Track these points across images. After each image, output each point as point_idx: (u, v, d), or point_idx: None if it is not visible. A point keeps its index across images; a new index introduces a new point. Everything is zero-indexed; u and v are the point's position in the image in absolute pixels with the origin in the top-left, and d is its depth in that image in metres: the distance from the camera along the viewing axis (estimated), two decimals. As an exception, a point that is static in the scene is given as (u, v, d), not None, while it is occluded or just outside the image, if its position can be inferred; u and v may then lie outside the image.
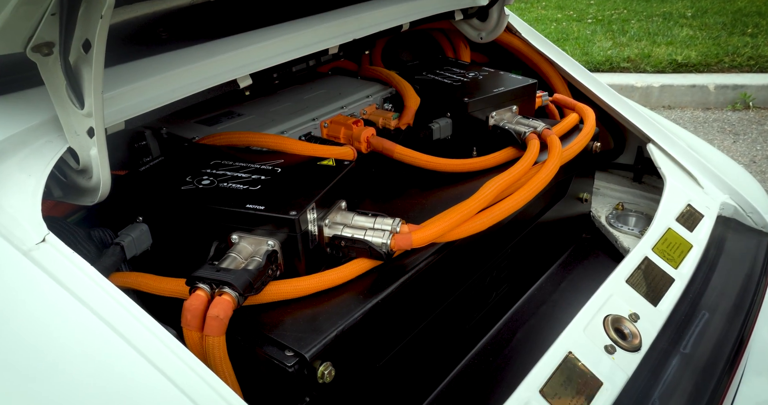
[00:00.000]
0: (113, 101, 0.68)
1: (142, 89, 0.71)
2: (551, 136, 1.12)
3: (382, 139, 1.10)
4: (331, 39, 1.00)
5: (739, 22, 4.90)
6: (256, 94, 1.20)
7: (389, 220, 0.82)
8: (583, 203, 1.36)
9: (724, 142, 3.45)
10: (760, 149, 3.31)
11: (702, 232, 1.17)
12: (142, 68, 0.74)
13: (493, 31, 1.41)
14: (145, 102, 0.71)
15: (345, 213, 0.84)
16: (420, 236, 0.81)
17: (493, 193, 0.94)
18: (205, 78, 0.79)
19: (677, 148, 1.29)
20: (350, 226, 0.81)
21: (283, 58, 0.91)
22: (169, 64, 0.76)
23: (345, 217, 0.83)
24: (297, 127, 1.07)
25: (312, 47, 0.96)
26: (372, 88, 1.28)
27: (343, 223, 0.82)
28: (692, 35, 4.70)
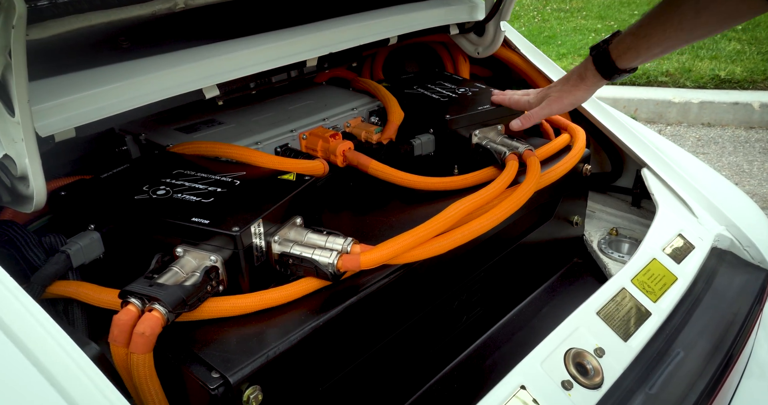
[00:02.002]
0: (62, 108, 0.71)
1: (94, 98, 0.74)
2: (531, 158, 1.09)
3: (358, 154, 1.10)
4: (306, 52, 1.01)
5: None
6: (243, 102, 1.23)
7: (341, 240, 0.82)
8: (575, 226, 1.32)
9: (765, 163, 3.25)
10: (803, 173, 3.10)
11: (690, 264, 1.11)
12: (96, 77, 0.76)
13: (490, 47, 1.39)
14: (97, 110, 0.74)
15: (299, 230, 0.85)
16: (369, 258, 0.80)
17: (455, 216, 0.92)
18: (164, 88, 0.81)
19: (673, 173, 1.23)
20: (301, 244, 0.81)
21: (252, 69, 0.93)
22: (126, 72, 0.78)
23: (298, 234, 0.84)
24: (273, 138, 1.08)
25: (284, 59, 0.98)
26: (360, 100, 1.28)
27: (295, 240, 0.83)
28: (740, 50, 4.46)
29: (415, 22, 1.24)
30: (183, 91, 0.83)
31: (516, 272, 1.18)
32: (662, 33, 0.86)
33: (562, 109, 1.07)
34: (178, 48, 0.86)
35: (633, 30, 0.91)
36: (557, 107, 1.06)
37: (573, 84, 1.03)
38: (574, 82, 1.03)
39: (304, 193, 0.87)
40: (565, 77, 1.05)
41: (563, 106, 1.06)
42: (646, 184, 1.24)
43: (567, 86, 1.04)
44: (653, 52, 0.89)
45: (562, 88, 1.05)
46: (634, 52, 0.91)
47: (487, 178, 1.13)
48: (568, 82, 1.04)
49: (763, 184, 3.02)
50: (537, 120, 1.13)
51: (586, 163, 1.25)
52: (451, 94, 1.29)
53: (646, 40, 0.88)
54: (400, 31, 1.20)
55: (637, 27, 0.90)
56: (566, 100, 1.05)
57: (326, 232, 0.85)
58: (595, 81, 1.00)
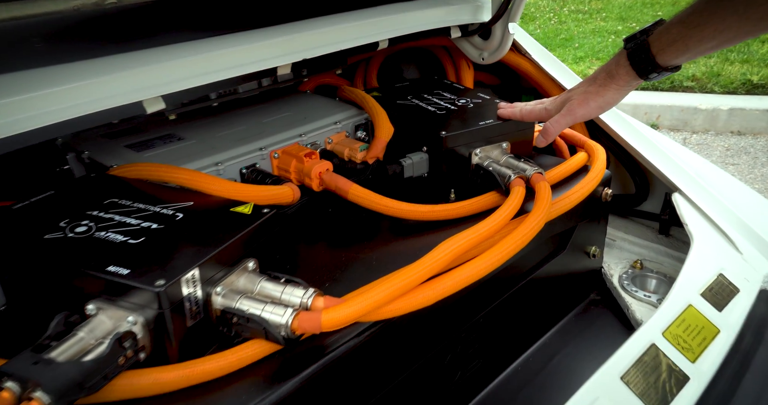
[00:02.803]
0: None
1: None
2: (540, 183, 0.92)
3: (337, 177, 0.94)
4: (275, 58, 0.85)
5: (832, 38, 4.32)
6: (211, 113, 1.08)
7: (300, 291, 0.67)
8: (592, 259, 1.14)
9: (801, 176, 3.01)
10: None
11: (735, 312, 0.92)
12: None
13: (497, 52, 1.22)
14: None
15: (251, 276, 0.69)
16: (333, 318, 0.64)
17: (444, 259, 0.76)
18: (88, 100, 0.66)
19: (711, 199, 1.04)
20: (250, 297, 0.66)
21: (206, 78, 0.78)
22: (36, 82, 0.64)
23: (249, 283, 0.68)
24: (238, 158, 0.93)
25: (248, 67, 0.82)
26: (345, 112, 1.13)
27: (244, 290, 0.67)
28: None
29: (408, 23, 1.08)
30: (113, 105, 0.69)
31: (522, 315, 1.01)
32: (721, 21, 0.68)
33: (588, 115, 0.88)
34: (108, 52, 0.71)
35: (682, 17, 0.73)
36: (582, 112, 0.88)
37: (601, 84, 0.84)
38: (602, 82, 0.84)
39: (261, 229, 0.72)
40: (590, 77, 0.87)
41: (589, 110, 0.87)
42: (678, 211, 1.06)
43: (594, 86, 0.85)
44: (706, 46, 0.71)
45: (587, 89, 0.86)
46: (681, 44, 0.73)
47: (489, 205, 0.97)
48: (594, 81, 0.86)
49: (800, 198, 2.78)
50: (559, 130, 0.94)
51: (607, 186, 1.07)
52: (450, 106, 1.13)
53: (699, 30, 0.70)
54: (390, 34, 1.04)
55: (688, 14, 0.72)
56: (593, 103, 0.86)
57: (285, 279, 0.70)
58: (628, 80, 0.81)
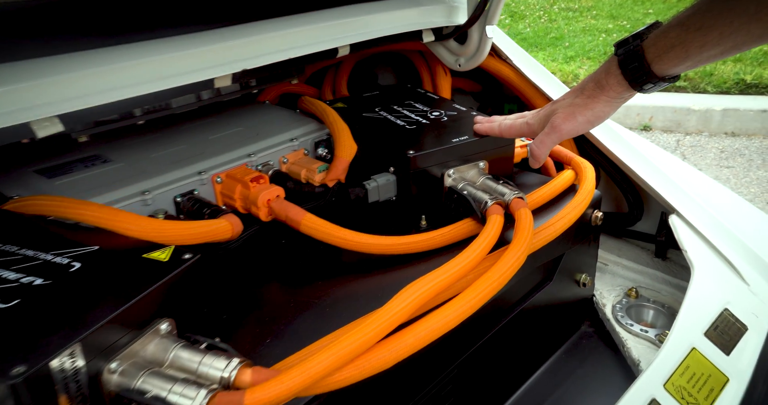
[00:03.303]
0: None
1: None
2: (520, 211, 0.80)
3: (288, 205, 0.82)
4: (207, 69, 0.72)
5: (825, 36, 4.24)
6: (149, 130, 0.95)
7: (222, 362, 0.54)
8: (582, 287, 1.02)
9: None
10: (844, 190, 2.76)
11: (745, 355, 0.81)
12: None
13: (474, 57, 1.10)
14: None
15: (165, 343, 0.56)
16: (260, 398, 0.51)
17: (407, 311, 0.64)
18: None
19: (713, 223, 0.93)
20: (158, 373, 0.53)
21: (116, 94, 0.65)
22: None
23: (160, 352, 0.56)
24: (172, 184, 0.80)
25: (170, 80, 0.69)
26: (304, 127, 1.00)
27: (153, 363, 0.55)
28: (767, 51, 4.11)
29: (372, 27, 0.96)
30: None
31: (504, 358, 0.89)
32: (728, 24, 0.56)
33: (575, 130, 0.74)
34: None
35: (682, 19, 0.60)
36: (568, 127, 0.74)
37: (589, 95, 0.71)
38: (590, 93, 0.71)
39: (181, 280, 0.59)
40: (577, 87, 0.74)
41: (576, 125, 0.73)
42: (677, 236, 0.94)
43: (581, 98, 0.72)
44: (709, 53, 0.59)
45: (574, 101, 0.73)
46: (681, 51, 0.61)
47: (463, 235, 0.85)
48: (582, 92, 0.73)
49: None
50: (546, 151, 0.79)
51: (597, 208, 0.95)
52: (421, 120, 1.00)
53: (701, 34, 0.58)
54: (350, 39, 0.91)
55: (690, 15, 0.59)
56: (580, 117, 0.73)
57: (207, 344, 0.57)
58: (620, 91, 0.69)
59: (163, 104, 0.89)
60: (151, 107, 0.87)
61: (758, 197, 2.79)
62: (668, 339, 0.79)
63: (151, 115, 0.88)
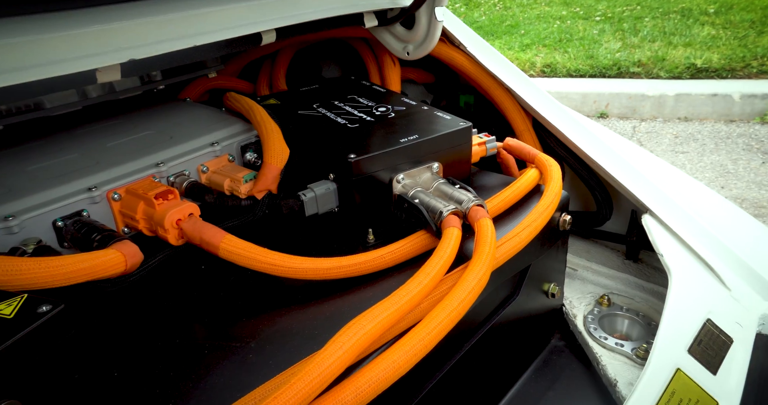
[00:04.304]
0: None
1: None
2: (480, 222, 0.69)
3: (203, 226, 0.67)
4: (81, 59, 0.56)
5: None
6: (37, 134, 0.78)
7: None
8: (551, 298, 0.92)
9: (751, 162, 2.96)
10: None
11: (733, 374, 0.72)
12: None
13: (424, 44, 0.97)
14: None
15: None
16: None
17: (347, 358, 0.51)
18: None
19: (689, 222, 0.85)
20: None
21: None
22: None
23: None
24: (51, 205, 0.64)
25: (32, 72, 0.53)
26: (228, 128, 0.85)
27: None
28: (714, 35, 4.19)
29: (303, 8, 0.82)
30: None
31: (466, 388, 0.78)
32: None
33: None
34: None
35: None
36: None
37: None
38: None
39: (30, 346, 0.44)
40: None
41: None
42: (651, 238, 0.86)
43: None
44: None
45: None
46: None
47: (416, 251, 0.73)
48: None
49: (751, 186, 2.73)
50: None
51: (565, 211, 0.85)
52: (365, 117, 0.87)
53: None
54: (276, 23, 0.77)
55: None
56: None
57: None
58: None
59: (31, 104, 0.72)
60: (12, 108, 0.70)
61: (713, 182, 2.82)
62: (650, 360, 0.70)
63: (13, 119, 0.71)
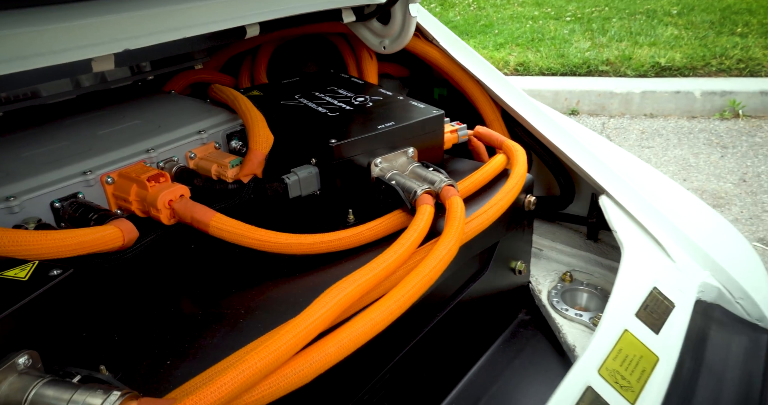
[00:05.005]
0: None
1: None
2: (451, 199, 0.76)
3: (193, 206, 0.72)
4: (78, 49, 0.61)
5: (728, 21, 4.58)
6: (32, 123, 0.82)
7: (98, 398, 0.45)
8: (518, 275, 1.00)
9: (711, 156, 3.12)
10: (750, 165, 2.98)
11: (673, 332, 0.81)
12: None
13: (399, 39, 1.04)
14: None
15: (24, 380, 0.46)
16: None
17: (327, 319, 0.57)
18: None
19: (641, 202, 0.93)
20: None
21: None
22: None
23: (17, 391, 0.46)
24: (48, 187, 0.68)
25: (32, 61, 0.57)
26: (214, 118, 0.90)
27: (9, 404, 0.45)
28: (677, 35, 4.37)
29: (285, 3, 0.87)
30: None
31: (438, 357, 0.85)
32: None
33: None
34: None
35: None
36: None
37: None
38: None
39: (44, 303, 0.49)
40: None
41: None
42: (606, 216, 0.94)
43: None
44: None
45: None
46: None
47: (392, 228, 0.79)
48: None
49: (711, 179, 2.88)
50: None
51: (529, 193, 0.93)
52: (345, 106, 0.93)
53: None
54: (259, 17, 0.82)
55: None
56: None
57: (82, 376, 0.48)
58: None
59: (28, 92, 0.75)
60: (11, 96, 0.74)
61: (676, 175, 2.96)
62: (601, 323, 0.78)
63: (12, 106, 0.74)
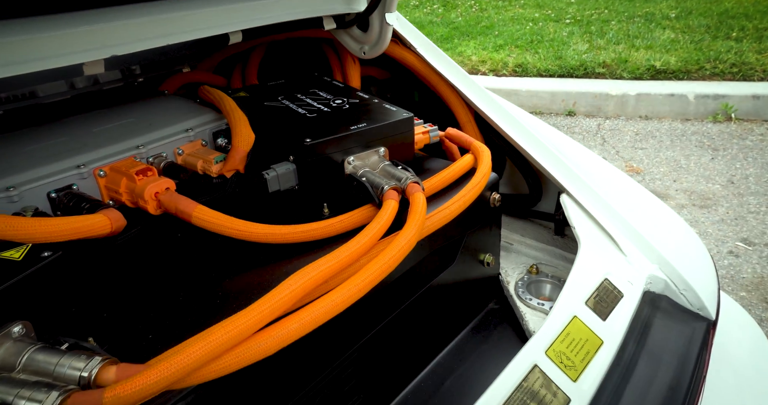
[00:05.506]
0: None
1: None
2: (414, 195, 0.82)
3: (178, 197, 0.80)
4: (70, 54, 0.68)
5: (724, 25, 4.61)
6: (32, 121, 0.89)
7: (81, 362, 0.52)
8: (487, 267, 1.07)
9: (701, 158, 3.17)
10: (739, 167, 3.03)
11: (619, 319, 0.88)
12: None
13: (377, 45, 1.11)
14: None
15: (17, 346, 0.54)
16: (121, 395, 0.50)
17: (291, 297, 0.64)
18: None
19: (597, 200, 0.99)
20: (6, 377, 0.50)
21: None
22: None
23: (11, 356, 0.53)
24: (45, 179, 0.76)
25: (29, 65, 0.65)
26: (200, 117, 0.97)
27: (1, 368, 0.52)
28: (674, 38, 4.41)
29: (267, 12, 0.94)
30: None
31: (410, 338, 0.92)
32: None
33: None
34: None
35: None
36: None
37: None
38: None
39: (36, 280, 0.56)
40: None
41: None
42: (566, 213, 1.00)
43: None
44: None
45: None
46: None
47: (361, 221, 0.86)
48: None
49: (700, 180, 2.93)
50: None
51: (495, 190, 0.99)
52: (323, 108, 1.00)
53: None
54: (242, 25, 0.89)
55: None
56: None
57: (69, 344, 0.55)
58: None
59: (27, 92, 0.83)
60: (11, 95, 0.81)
61: (666, 176, 3.01)
62: (552, 309, 0.84)
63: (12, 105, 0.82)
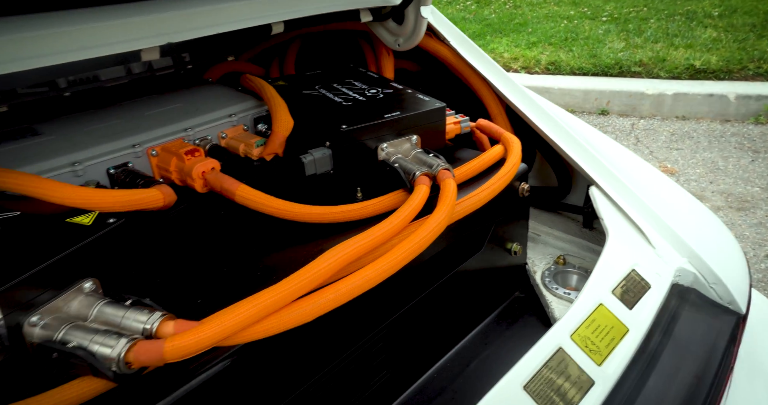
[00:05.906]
0: None
1: None
2: (445, 181, 0.85)
3: (223, 177, 0.85)
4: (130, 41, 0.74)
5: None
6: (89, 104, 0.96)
7: (144, 317, 0.58)
8: (513, 256, 1.09)
9: (741, 160, 3.08)
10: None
11: (645, 309, 0.89)
12: None
13: (411, 37, 1.14)
14: None
15: (89, 300, 0.59)
16: (179, 345, 0.55)
17: (328, 269, 0.68)
18: None
19: (626, 193, 1.00)
20: (80, 326, 0.56)
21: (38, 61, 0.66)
22: None
23: (84, 308, 0.59)
24: (105, 156, 0.82)
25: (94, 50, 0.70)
26: (242, 104, 1.03)
27: (76, 318, 0.58)
28: (716, 37, 4.28)
29: (307, 4, 0.98)
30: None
31: (437, 319, 0.95)
32: None
33: None
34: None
35: None
36: None
37: None
38: None
39: (104, 243, 0.62)
40: None
41: None
42: (595, 205, 1.02)
43: None
44: None
45: None
46: None
47: (393, 205, 0.89)
48: None
49: (738, 182, 2.85)
50: None
51: (524, 181, 1.01)
52: (359, 97, 1.04)
53: None
54: (284, 16, 0.94)
55: None
56: None
57: (132, 301, 0.60)
58: None
59: (90, 76, 0.90)
60: (77, 78, 0.88)
61: (703, 177, 2.94)
62: (579, 296, 0.86)
63: (78, 87, 0.89)
